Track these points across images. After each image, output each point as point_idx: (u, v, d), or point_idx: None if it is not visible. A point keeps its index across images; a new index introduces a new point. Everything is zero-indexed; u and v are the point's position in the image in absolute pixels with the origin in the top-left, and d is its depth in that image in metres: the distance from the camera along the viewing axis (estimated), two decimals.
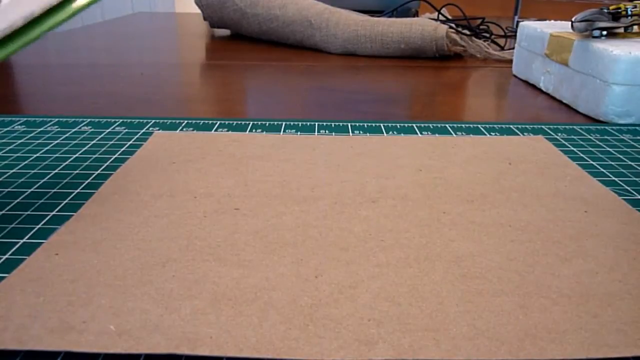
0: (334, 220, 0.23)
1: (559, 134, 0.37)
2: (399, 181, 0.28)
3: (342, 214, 0.24)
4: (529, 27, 0.52)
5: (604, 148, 0.34)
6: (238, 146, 0.32)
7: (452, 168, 0.29)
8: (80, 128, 0.36)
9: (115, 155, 0.31)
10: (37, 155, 0.31)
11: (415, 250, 0.21)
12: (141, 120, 0.38)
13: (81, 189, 0.26)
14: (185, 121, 0.38)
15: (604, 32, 0.41)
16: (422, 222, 0.23)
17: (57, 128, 0.36)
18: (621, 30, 0.43)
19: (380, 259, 0.20)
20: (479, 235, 0.22)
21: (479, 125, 0.38)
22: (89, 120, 0.38)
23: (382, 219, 0.24)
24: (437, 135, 0.35)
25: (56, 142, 0.33)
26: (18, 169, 0.29)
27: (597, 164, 0.31)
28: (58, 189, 0.26)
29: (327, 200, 0.25)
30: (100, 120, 0.38)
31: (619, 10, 0.42)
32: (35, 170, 0.29)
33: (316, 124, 0.38)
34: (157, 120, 0.38)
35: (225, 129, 0.36)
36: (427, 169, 0.29)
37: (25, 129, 0.35)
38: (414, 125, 0.38)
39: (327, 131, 0.36)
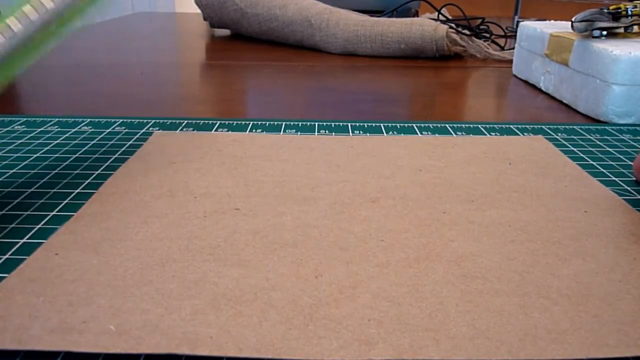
0: (334, 220, 0.23)
1: (559, 134, 0.37)
2: (399, 181, 0.28)
3: (342, 214, 0.24)
4: (529, 27, 0.52)
5: (604, 148, 0.34)
6: (238, 146, 0.32)
7: (452, 168, 0.29)
8: (80, 128, 0.36)
9: (115, 155, 0.31)
10: (37, 155, 0.31)
11: (415, 250, 0.21)
12: (141, 120, 0.38)
13: (81, 189, 0.26)
14: (185, 121, 0.38)
15: (604, 32, 0.41)
16: (422, 222, 0.23)
17: (57, 128, 0.36)
18: (621, 30, 0.42)
19: (380, 259, 0.20)
20: (479, 235, 0.22)
21: (479, 125, 0.38)
22: (89, 120, 0.38)
23: (382, 219, 0.24)
24: (437, 135, 0.35)
25: (56, 142, 0.33)
26: (18, 169, 0.29)
27: (597, 164, 0.31)
28: (58, 189, 0.26)
29: (327, 200, 0.25)
30: (100, 120, 0.38)
31: (619, 10, 0.42)
32: (35, 170, 0.29)
33: (316, 124, 0.38)
34: (157, 120, 0.38)
35: (225, 129, 0.36)
36: (427, 169, 0.29)
37: (25, 129, 0.35)
38: (414, 125, 0.38)
39: (327, 131, 0.36)
